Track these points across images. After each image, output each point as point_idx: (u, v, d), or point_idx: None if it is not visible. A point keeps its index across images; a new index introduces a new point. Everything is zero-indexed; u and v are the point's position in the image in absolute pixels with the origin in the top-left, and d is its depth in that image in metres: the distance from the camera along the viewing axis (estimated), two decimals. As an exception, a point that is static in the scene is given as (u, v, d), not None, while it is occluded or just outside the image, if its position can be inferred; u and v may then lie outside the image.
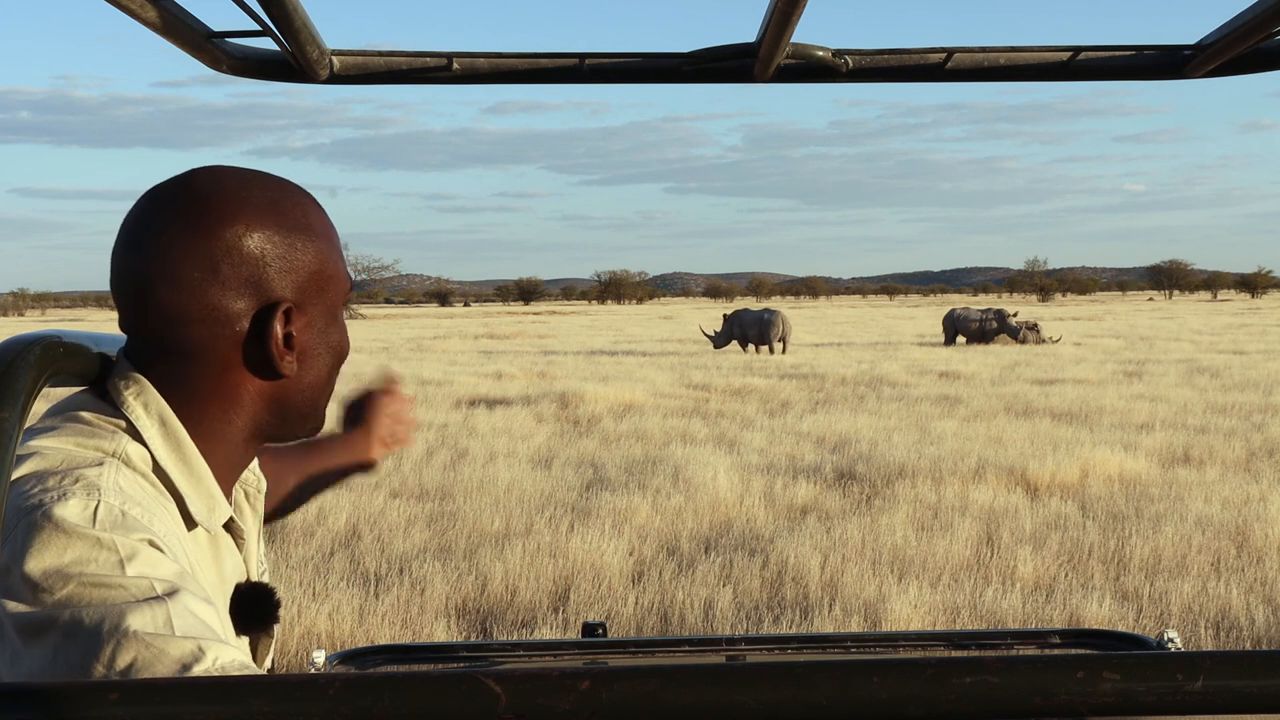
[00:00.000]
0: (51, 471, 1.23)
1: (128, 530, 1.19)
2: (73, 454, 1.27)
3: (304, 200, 1.42)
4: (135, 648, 1.09)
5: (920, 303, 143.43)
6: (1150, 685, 0.75)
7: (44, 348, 1.21)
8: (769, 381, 21.61)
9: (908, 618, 6.65)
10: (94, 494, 1.20)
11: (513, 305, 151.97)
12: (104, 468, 1.25)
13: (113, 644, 1.09)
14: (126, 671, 1.09)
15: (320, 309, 1.41)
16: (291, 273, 1.36)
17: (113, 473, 1.25)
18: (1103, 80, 1.68)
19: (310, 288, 1.38)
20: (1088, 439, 13.31)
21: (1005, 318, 35.36)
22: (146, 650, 1.10)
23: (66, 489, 1.20)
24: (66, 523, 1.17)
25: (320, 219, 1.42)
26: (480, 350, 35.04)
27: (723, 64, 1.67)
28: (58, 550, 1.15)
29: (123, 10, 1.32)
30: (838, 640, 2.80)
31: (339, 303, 1.44)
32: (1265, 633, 6.55)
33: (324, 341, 1.42)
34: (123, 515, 1.20)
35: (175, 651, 1.10)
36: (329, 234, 1.43)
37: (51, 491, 1.20)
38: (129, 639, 1.10)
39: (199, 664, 1.10)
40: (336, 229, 1.47)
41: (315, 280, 1.39)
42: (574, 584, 7.44)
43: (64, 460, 1.25)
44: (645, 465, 11.68)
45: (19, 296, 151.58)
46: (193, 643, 1.11)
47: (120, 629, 1.10)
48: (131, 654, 1.09)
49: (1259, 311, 70.51)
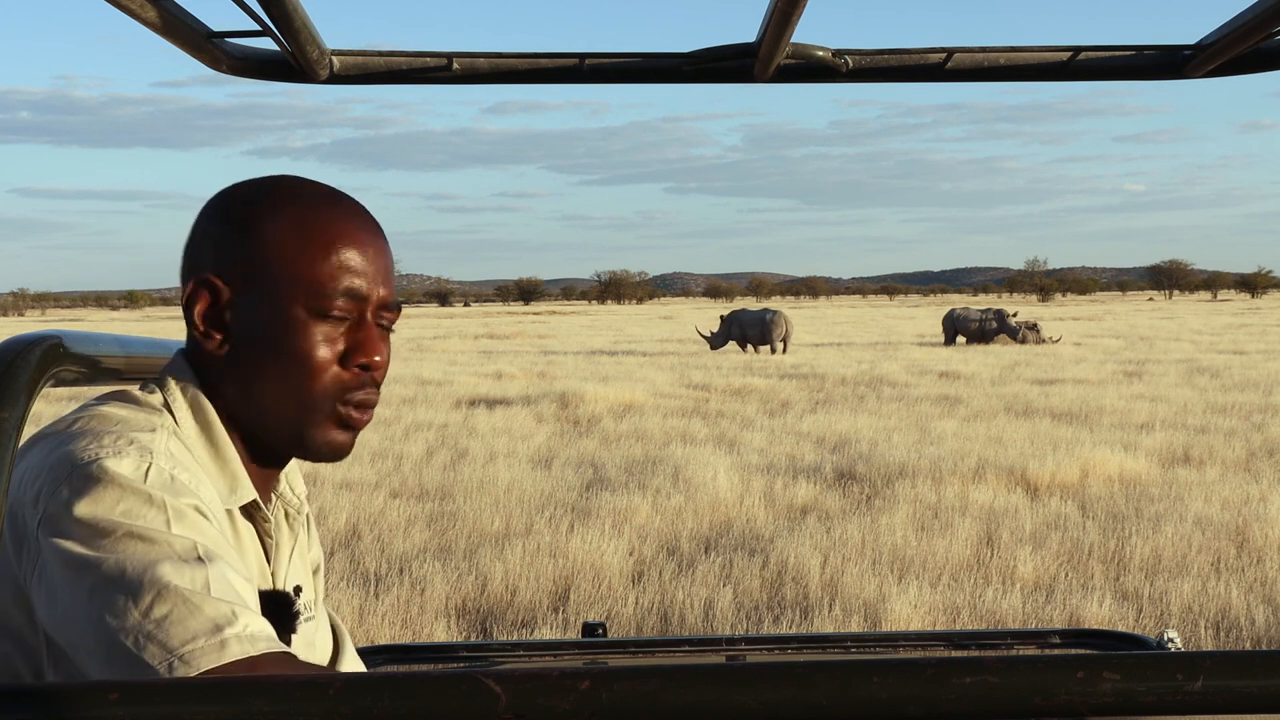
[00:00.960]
0: (107, 431, 1.30)
1: (176, 493, 1.26)
2: (127, 418, 1.35)
3: (300, 199, 1.43)
4: (173, 600, 1.15)
5: (920, 303, 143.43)
6: (1150, 685, 0.75)
7: (45, 348, 1.21)
8: (769, 381, 21.61)
9: (908, 618, 6.65)
10: (146, 456, 1.27)
11: (513, 305, 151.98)
12: (156, 434, 1.32)
13: (152, 594, 1.15)
14: (161, 621, 1.14)
15: (261, 300, 1.40)
16: (225, 254, 1.41)
17: (164, 439, 1.33)
18: (1103, 80, 1.68)
19: (244, 273, 1.40)
20: (1088, 439, 13.31)
21: (1005, 318, 35.36)
22: (184, 605, 1.15)
23: (122, 448, 1.27)
24: (122, 477, 1.24)
25: (320, 223, 1.41)
26: (480, 350, 35.04)
27: (723, 64, 1.67)
28: (111, 500, 1.22)
29: (123, 10, 1.32)
30: (838, 640, 2.80)
31: (295, 303, 1.39)
32: (1265, 633, 6.54)
33: (268, 336, 1.40)
34: (172, 479, 1.27)
35: (210, 610, 1.16)
36: (317, 237, 1.40)
37: (107, 448, 1.26)
38: (169, 591, 1.15)
39: (231, 627, 1.16)
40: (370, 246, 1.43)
41: (253, 267, 1.40)
42: (574, 584, 7.44)
43: (119, 422, 1.33)
44: (645, 465, 11.68)
45: (19, 296, 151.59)
46: (228, 605, 1.17)
47: (161, 581, 1.16)
48: (169, 605, 1.15)
49: (1259, 311, 70.51)
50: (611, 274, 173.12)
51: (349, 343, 1.42)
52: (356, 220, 1.45)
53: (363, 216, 1.46)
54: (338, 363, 1.41)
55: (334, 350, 1.41)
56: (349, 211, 1.45)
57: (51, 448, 1.29)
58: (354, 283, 1.41)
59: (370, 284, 1.43)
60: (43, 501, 1.23)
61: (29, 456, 1.29)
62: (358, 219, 1.45)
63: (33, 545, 1.23)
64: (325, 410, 1.41)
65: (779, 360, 28.20)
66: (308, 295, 1.39)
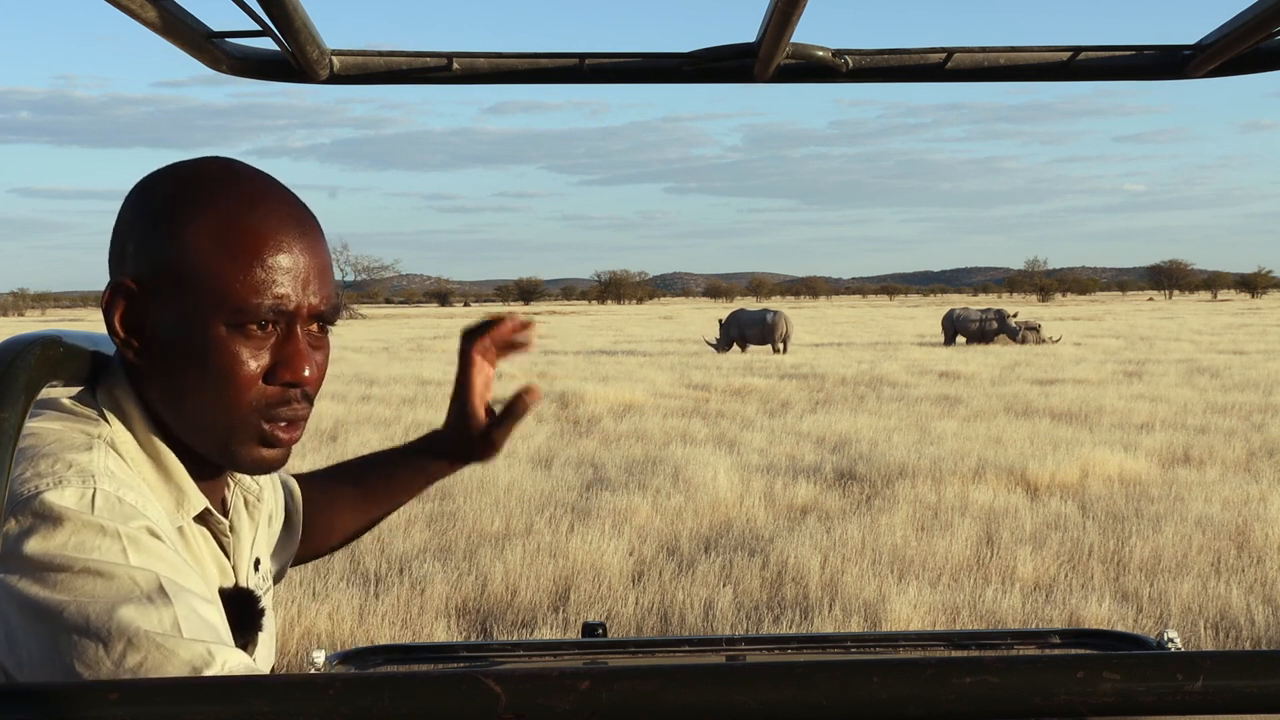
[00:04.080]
0: (43, 454, 1.22)
1: (126, 517, 1.19)
2: (62, 435, 1.27)
3: (221, 199, 1.30)
4: (146, 647, 1.10)
5: (920, 303, 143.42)
6: (1150, 685, 0.75)
7: (44, 348, 1.21)
8: (769, 381, 21.61)
9: (908, 618, 6.65)
10: (89, 481, 1.20)
11: (513, 305, 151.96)
12: (93, 452, 1.25)
13: (123, 642, 1.09)
14: (136, 670, 1.09)
15: (179, 310, 1.29)
16: (145, 254, 1.30)
17: (102, 456, 1.25)
18: (1103, 80, 1.68)
19: (163, 276, 1.29)
20: (1088, 439, 13.31)
21: (1005, 318, 35.36)
22: (157, 651, 1.10)
23: (61, 474, 1.20)
24: (67, 510, 1.16)
25: (241, 228, 1.29)
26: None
27: (723, 64, 1.67)
28: (62, 536, 1.15)
29: (123, 10, 1.32)
30: (838, 640, 2.80)
31: (215, 317, 1.28)
32: (1265, 633, 6.55)
33: (187, 349, 1.29)
34: (119, 501, 1.20)
35: (185, 654, 1.10)
36: (238, 245, 1.28)
37: (46, 478, 1.19)
38: (140, 638, 1.10)
39: (208, 668, 1.10)
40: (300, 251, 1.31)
41: (170, 274, 1.29)
42: (574, 584, 7.44)
43: (53, 441, 1.25)
44: (645, 465, 11.68)
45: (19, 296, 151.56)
46: (202, 646, 1.11)
47: (130, 628, 1.10)
48: (142, 654, 1.09)
49: (1259, 311, 70.51)
50: (611, 274, 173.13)
51: (275, 357, 1.31)
52: (284, 223, 1.31)
53: (293, 217, 1.33)
54: (262, 378, 1.30)
55: (259, 365, 1.30)
56: (276, 213, 1.32)
57: None
58: (279, 294, 1.29)
59: (299, 294, 1.31)
60: None
61: None
62: (287, 221, 1.32)
63: None
64: (249, 428, 1.31)
65: (779, 360, 28.20)
66: (228, 310, 1.28)
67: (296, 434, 1.36)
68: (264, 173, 1.38)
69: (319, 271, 1.34)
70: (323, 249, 1.37)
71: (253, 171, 1.36)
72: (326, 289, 1.36)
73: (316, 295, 1.33)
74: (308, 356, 1.33)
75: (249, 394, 1.30)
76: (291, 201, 1.35)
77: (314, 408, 1.42)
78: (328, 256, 1.38)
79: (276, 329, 1.32)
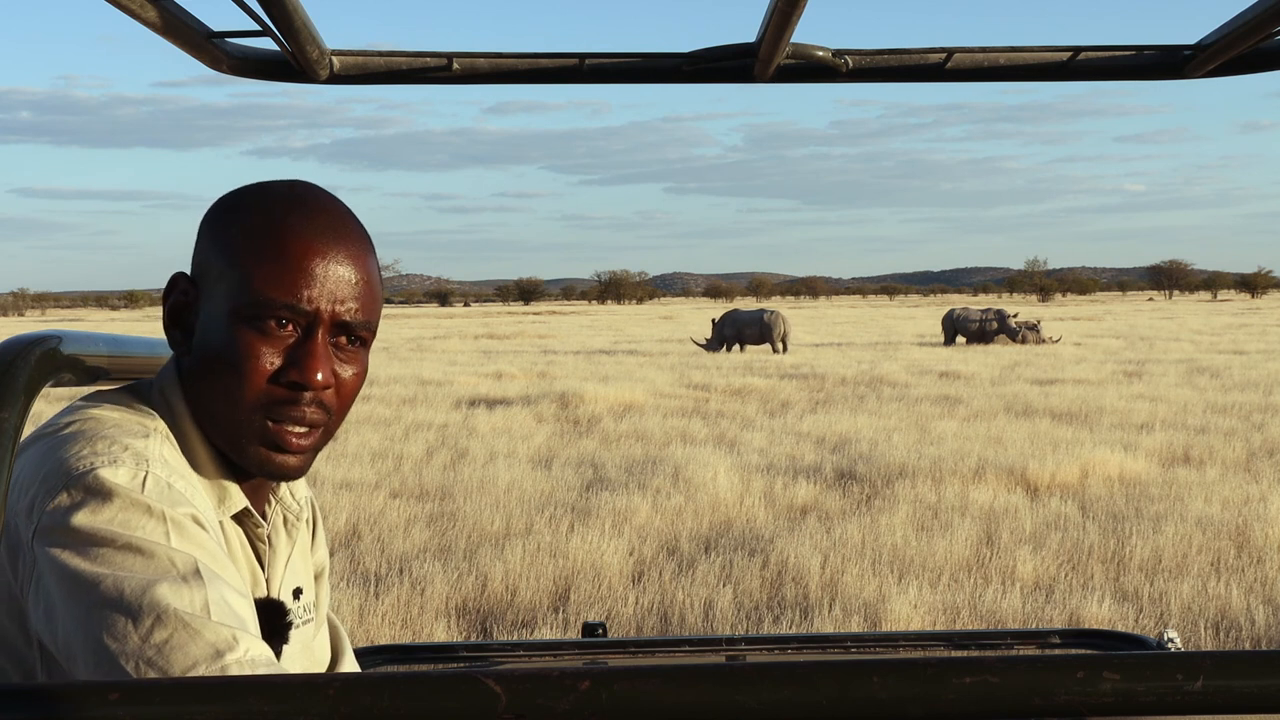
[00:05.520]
0: (100, 435, 1.27)
1: (174, 502, 1.23)
2: (120, 421, 1.31)
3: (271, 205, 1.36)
4: (173, 625, 1.13)
5: (920, 303, 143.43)
6: (1150, 685, 0.75)
7: (44, 348, 1.21)
8: (769, 381, 21.61)
9: (908, 618, 6.65)
10: (142, 463, 1.24)
11: (513, 305, 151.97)
12: (150, 440, 1.29)
13: (152, 617, 1.13)
14: (162, 646, 1.12)
15: (212, 302, 1.35)
16: (200, 253, 1.39)
17: (158, 444, 1.29)
18: (1103, 80, 1.68)
19: (207, 273, 1.37)
20: (1088, 439, 13.31)
21: (1005, 318, 35.36)
22: (184, 630, 1.13)
23: (117, 454, 1.24)
24: (119, 487, 1.21)
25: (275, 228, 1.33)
26: (480, 350, 35.03)
27: (723, 64, 1.67)
28: (109, 511, 1.19)
29: (123, 10, 1.32)
30: (838, 640, 2.80)
31: (234, 311, 1.32)
32: (1265, 633, 6.54)
33: (210, 337, 1.34)
34: (169, 487, 1.24)
35: (211, 635, 1.13)
36: (267, 243, 1.32)
37: (102, 455, 1.23)
38: (169, 615, 1.13)
39: (231, 652, 1.13)
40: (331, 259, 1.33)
41: (209, 270, 1.36)
42: (574, 584, 7.44)
43: (112, 426, 1.29)
44: (645, 465, 11.68)
45: (19, 296, 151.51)
46: (228, 630, 1.14)
47: (160, 604, 1.13)
48: (169, 630, 1.13)
49: (1259, 311, 70.51)
50: (611, 274, 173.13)
51: (288, 358, 1.32)
52: (321, 230, 1.33)
53: (333, 228, 1.35)
54: (272, 378, 1.32)
55: (271, 364, 1.31)
56: (316, 221, 1.34)
57: (44, 453, 1.26)
58: (299, 294, 1.31)
59: (322, 299, 1.32)
60: (37, 512, 1.20)
61: (21, 461, 1.25)
62: (325, 230, 1.34)
63: (28, 556, 1.20)
64: (252, 426, 1.33)
65: (779, 360, 28.20)
66: (247, 304, 1.31)
67: (308, 442, 1.36)
68: (331, 194, 1.40)
69: (353, 285, 1.35)
70: (365, 265, 1.37)
71: (317, 190, 1.40)
72: (360, 303, 1.36)
73: (344, 306, 1.34)
74: (323, 362, 1.33)
75: (255, 391, 1.32)
76: (339, 214, 1.38)
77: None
78: (372, 275, 1.39)
79: (296, 330, 1.33)
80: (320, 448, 1.39)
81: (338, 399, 1.37)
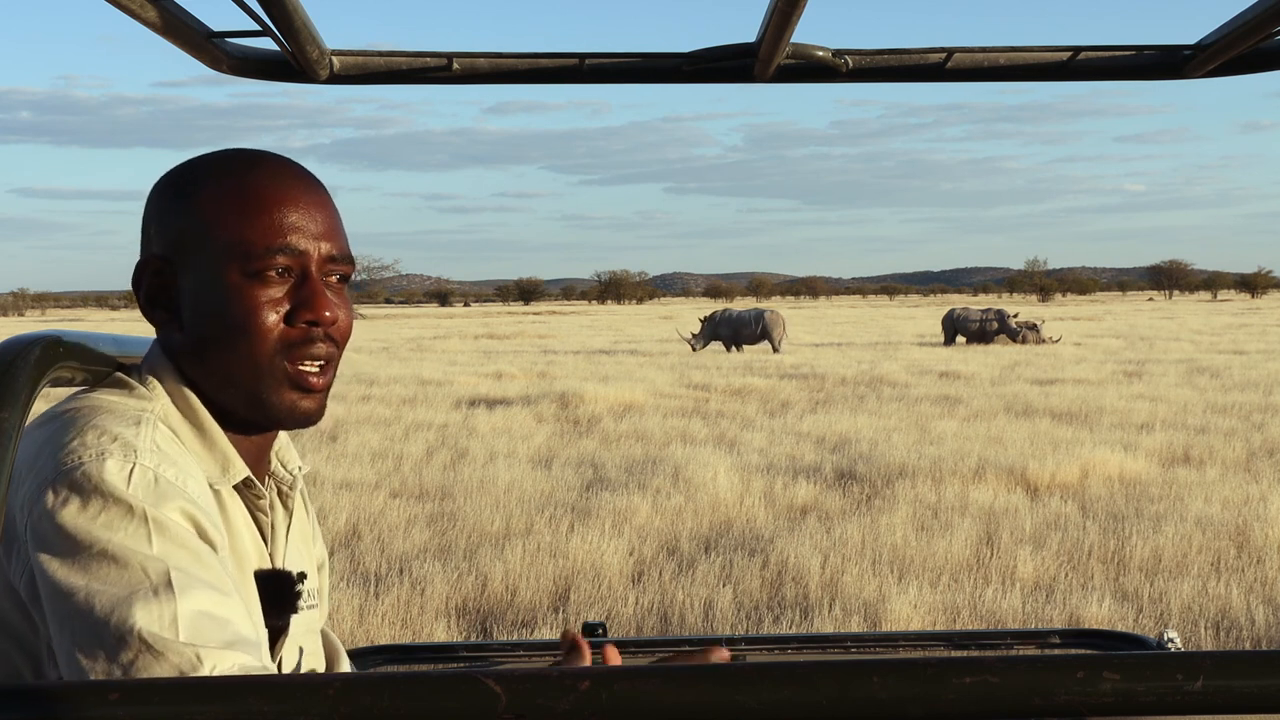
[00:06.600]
0: (92, 424, 1.28)
1: (160, 497, 1.24)
2: (115, 406, 1.33)
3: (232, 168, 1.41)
4: (137, 647, 1.15)
5: (920, 303, 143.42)
6: (1150, 685, 0.75)
7: (44, 348, 1.22)
8: (769, 381, 21.61)
9: (908, 618, 6.65)
10: (130, 455, 1.26)
11: (513, 305, 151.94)
12: (141, 426, 1.31)
13: (118, 637, 1.15)
14: (127, 667, 1.15)
15: (200, 271, 1.38)
16: (167, 229, 1.41)
17: (149, 431, 1.31)
18: (1103, 80, 1.67)
19: (183, 245, 1.39)
20: (1088, 439, 13.31)
21: (1005, 318, 35.36)
22: (148, 652, 1.15)
23: (106, 446, 1.25)
24: (105, 484, 1.22)
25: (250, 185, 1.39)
26: (480, 350, 35.03)
27: (723, 64, 1.67)
28: (92, 511, 1.21)
29: (123, 10, 1.32)
30: (838, 640, 2.80)
31: (230, 269, 1.37)
32: (1265, 633, 6.54)
33: (210, 306, 1.38)
34: (156, 480, 1.25)
35: (175, 658, 1.15)
36: (248, 199, 1.38)
37: (90, 449, 1.25)
38: (133, 637, 1.15)
39: (194, 674, 1.15)
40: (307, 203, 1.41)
41: (189, 239, 1.39)
42: (574, 584, 7.44)
43: (105, 412, 1.31)
44: (645, 465, 11.68)
45: (19, 296, 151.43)
46: (192, 651, 1.16)
47: (127, 625, 1.15)
48: (133, 652, 1.15)
49: (1259, 311, 70.50)
50: (611, 274, 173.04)
51: (294, 300, 1.38)
52: (289, 181, 1.42)
53: (297, 176, 1.44)
54: (284, 322, 1.38)
55: (278, 311, 1.38)
56: (281, 173, 1.42)
57: (40, 443, 1.28)
58: (290, 240, 1.38)
59: (309, 240, 1.39)
60: (28, 507, 1.23)
61: (20, 447, 1.27)
62: (291, 180, 1.42)
63: (21, 550, 1.23)
64: (276, 373, 1.38)
65: (779, 360, 28.19)
66: (242, 258, 1.36)
67: (326, 379, 1.43)
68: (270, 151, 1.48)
69: (327, 223, 1.43)
70: (330, 206, 1.45)
71: (261, 150, 1.47)
72: (338, 240, 1.44)
73: (328, 241, 1.42)
74: (326, 297, 1.40)
75: (272, 338, 1.37)
76: (296, 166, 1.46)
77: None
78: (336, 214, 1.47)
79: (292, 275, 1.39)
80: (329, 388, 1.45)
81: (341, 333, 1.45)
